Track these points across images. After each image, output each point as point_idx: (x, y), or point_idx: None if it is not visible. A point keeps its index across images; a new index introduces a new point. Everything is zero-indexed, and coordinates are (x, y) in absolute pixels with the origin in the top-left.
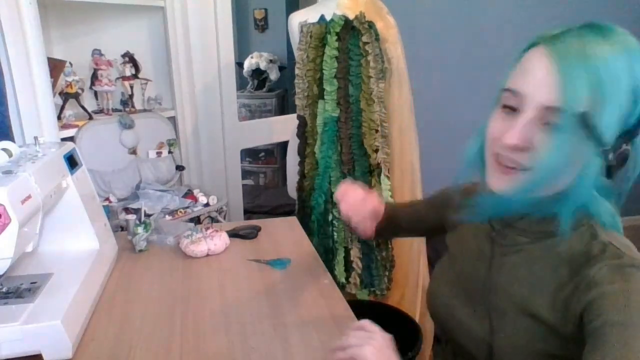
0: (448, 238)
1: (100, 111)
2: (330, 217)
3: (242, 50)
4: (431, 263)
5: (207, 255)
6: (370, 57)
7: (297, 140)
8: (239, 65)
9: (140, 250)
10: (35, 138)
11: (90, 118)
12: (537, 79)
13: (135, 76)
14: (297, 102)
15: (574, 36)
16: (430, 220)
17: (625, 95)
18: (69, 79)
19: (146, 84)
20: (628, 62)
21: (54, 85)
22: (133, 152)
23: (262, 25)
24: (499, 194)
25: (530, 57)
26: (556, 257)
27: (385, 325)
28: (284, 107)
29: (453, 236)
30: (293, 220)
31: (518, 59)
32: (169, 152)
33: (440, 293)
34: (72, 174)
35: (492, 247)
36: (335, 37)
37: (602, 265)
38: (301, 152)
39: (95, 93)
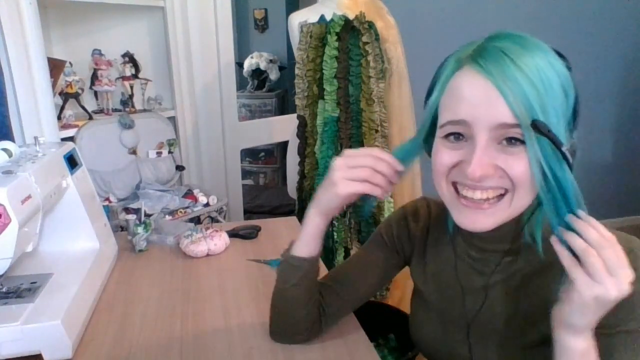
0: (414, 273)
1: (100, 111)
2: None
3: (242, 50)
4: None
5: (207, 255)
6: (370, 57)
7: (297, 140)
8: (239, 65)
9: (140, 250)
10: (35, 138)
11: (90, 118)
12: (479, 101)
13: (135, 76)
14: (297, 102)
15: (495, 51)
16: (381, 262)
17: (558, 92)
18: (69, 79)
19: (146, 84)
20: (549, 61)
21: (54, 85)
22: (133, 152)
23: (262, 25)
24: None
25: (460, 82)
26: (545, 268)
27: (385, 326)
28: (284, 107)
29: (418, 270)
30: (293, 220)
31: (441, 89)
32: (169, 152)
33: (425, 337)
34: (72, 174)
35: (479, 279)
36: (335, 37)
37: None
38: (301, 152)
39: (95, 93)
